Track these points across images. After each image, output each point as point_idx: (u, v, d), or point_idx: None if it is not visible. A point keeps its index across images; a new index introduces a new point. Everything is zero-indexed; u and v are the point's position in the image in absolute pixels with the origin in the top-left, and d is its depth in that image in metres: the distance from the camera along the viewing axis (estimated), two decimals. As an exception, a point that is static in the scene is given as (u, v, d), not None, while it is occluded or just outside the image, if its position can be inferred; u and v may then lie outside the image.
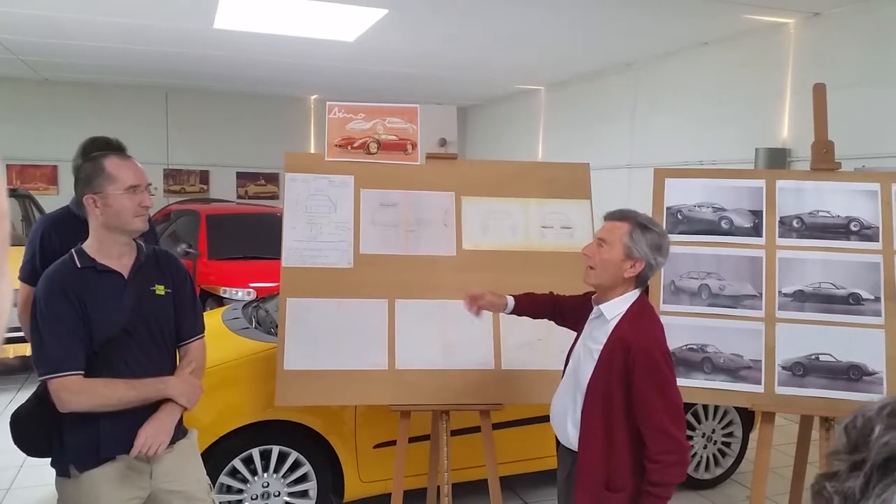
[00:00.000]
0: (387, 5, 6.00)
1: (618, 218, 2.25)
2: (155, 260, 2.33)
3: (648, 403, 2.11)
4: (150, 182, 2.25)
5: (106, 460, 2.18)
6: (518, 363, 3.08)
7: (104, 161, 2.18)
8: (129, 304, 2.20)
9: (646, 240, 2.18)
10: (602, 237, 2.25)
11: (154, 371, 2.22)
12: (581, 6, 5.83)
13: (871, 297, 3.01)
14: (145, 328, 2.23)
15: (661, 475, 2.10)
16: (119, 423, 2.15)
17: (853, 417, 0.67)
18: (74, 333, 2.10)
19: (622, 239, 2.19)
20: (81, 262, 2.18)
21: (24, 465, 4.23)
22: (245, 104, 12.26)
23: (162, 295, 2.28)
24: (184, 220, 8.12)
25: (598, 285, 2.28)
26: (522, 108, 11.00)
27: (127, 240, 2.24)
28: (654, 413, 2.11)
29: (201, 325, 2.42)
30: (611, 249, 2.21)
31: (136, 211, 2.17)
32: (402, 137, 3.21)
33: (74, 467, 2.17)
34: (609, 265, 2.21)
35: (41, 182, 11.29)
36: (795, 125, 6.08)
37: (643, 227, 2.20)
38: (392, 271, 3.09)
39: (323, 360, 2.97)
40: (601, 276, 2.24)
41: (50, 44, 8.01)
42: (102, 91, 11.40)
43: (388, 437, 3.37)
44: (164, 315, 2.29)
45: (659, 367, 2.12)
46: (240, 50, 8.02)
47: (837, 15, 5.70)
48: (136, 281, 2.24)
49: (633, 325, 2.19)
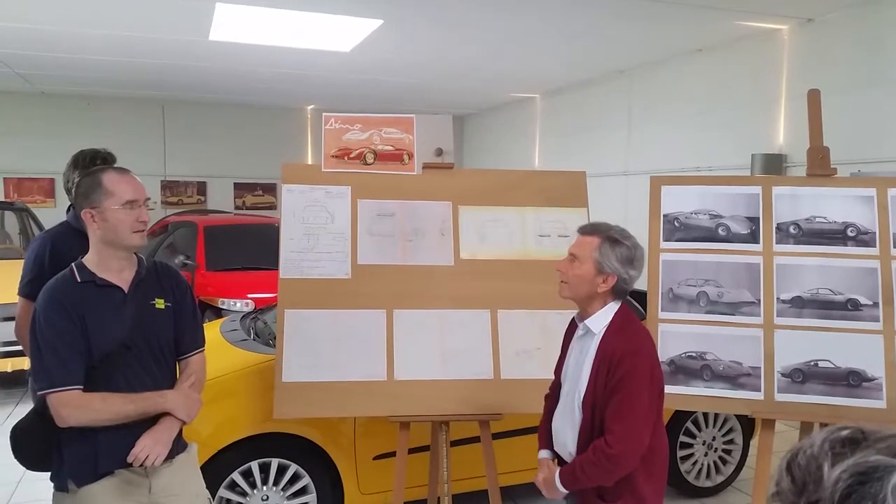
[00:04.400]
0: (382, 16, 6.02)
1: (588, 232, 2.26)
2: (155, 273, 2.32)
3: (615, 390, 2.11)
4: (148, 197, 2.25)
5: (104, 475, 2.16)
6: (517, 372, 3.07)
7: (102, 175, 2.17)
8: (129, 318, 2.18)
9: (615, 254, 2.19)
10: (574, 252, 2.25)
11: (153, 385, 2.21)
12: (575, 14, 5.86)
13: (869, 302, 3.01)
14: (145, 343, 2.21)
15: (595, 467, 2.12)
16: (117, 438, 2.13)
17: (794, 455, 0.65)
18: (73, 348, 2.09)
19: (592, 254, 2.20)
20: (81, 276, 2.17)
21: (22, 479, 4.21)
22: (242, 115, 12.27)
23: (162, 309, 2.27)
24: (181, 231, 8.11)
25: (572, 299, 2.29)
26: (518, 116, 11.02)
27: (127, 254, 2.23)
28: (636, 404, 2.11)
29: (202, 338, 2.41)
30: (582, 265, 2.22)
31: (133, 226, 2.16)
32: (398, 148, 3.21)
33: (72, 482, 2.16)
34: (581, 280, 2.22)
35: (38, 195, 11.28)
36: (791, 130, 6.10)
37: (613, 241, 2.20)
38: (390, 281, 3.09)
39: (321, 371, 2.96)
40: (574, 290, 2.25)
41: (46, 57, 8.02)
42: (99, 103, 11.41)
43: (388, 448, 3.36)
44: (163, 329, 2.27)
45: (646, 370, 2.14)
46: (236, 61, 8.04)
47: (830, 20, 5.73)
48: (137, 295, 2.23)
49: (619, 336, 2.19)
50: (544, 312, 3.14)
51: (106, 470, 2.16)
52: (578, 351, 2.32)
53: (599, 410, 2.17)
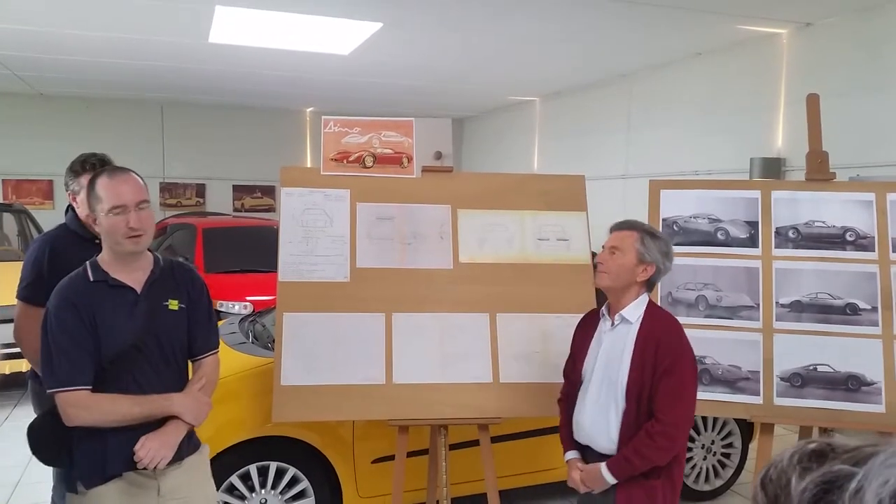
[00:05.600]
0: (381, 19, 6.03)
1: (626, 227, 2.45)
2: (171, 273, 2.29)
3: (667, 372, 2.27)
4: (144, 199, 2.17)
5: (112, 477, 2.17)
6: (516, 376, 3.07)
7: (97, 180, 2.16)
8: (141, 319, 2.17)
9: (656, 246, 2.39)
10: (614, 245, 2.42)
11: (163, 388, 2.20)
12: (575, 17, 5.86)
13: (868, 306, 3.01)
14: (156, 344, 2.20)
15: (655, 450, 2.27)
16: (126, 440, 2.13)
17: (767, 470, 0.67)
18: (83, 348, 2.09)
19: (634, 245, 2.38)
20: (94, 275, 2.16)
21: (20, 483, 4.20)
22: (241, 117, 12.28)
23: (175, 310, 2.25)
24: (180, 233, 8.11)
25: (609, 287, 2.44)
26: (517, 118, 11.03)
27: (137, 255, 2.20)
28: (687, 384, 2.30)
29: (216, 340, 2.39)
30: (624, 256, 2.39)
31: (124, 232, 2.12)
32: (397, 151, 3.21)
33: (81, 484, 2.17)
34: (623, 269, 2.39)
35: (37, 197, 11.28)
36: (790, 134, 6.11)
37: (652, 235, 2.42)
38: (389, 285, 3.09)
39: (320, 375, 2.95)
40: (614, 279, 2.40)
41: (45, 59, 8.02)
42: (98, 105, 11.41)
43: (387, 451, 3.35)
44: (176, 331, 2.26)
45: (691, 352, 2.35)
46: (235, 64, 8.04)
47: (829, 25, 5.74)
48: (149, 296, 2.21)
49: (659, 323, 2.37)
50: (543, 316, 3.14)
51: (114, 472, 2.16)
52: (610, 343, 2.44)
53: (646, 395, 2.30)
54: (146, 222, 2.17)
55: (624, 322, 2.40)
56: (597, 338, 2.50)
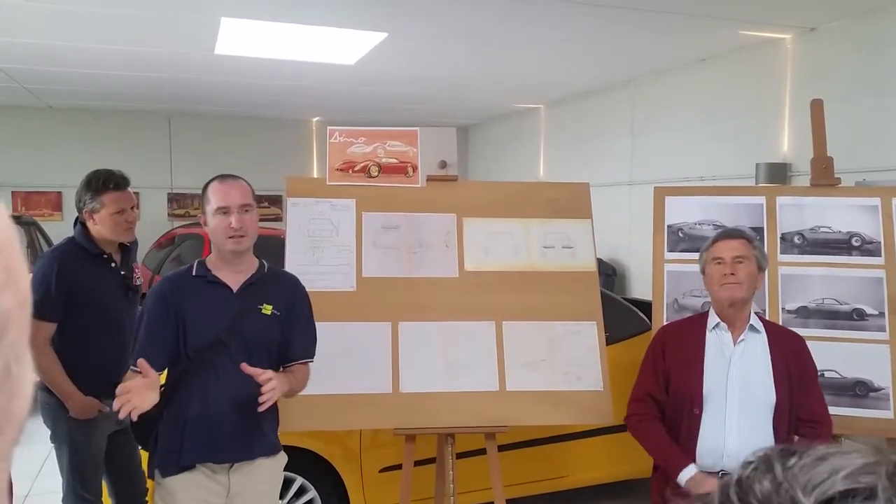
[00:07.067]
0: (387, 29, 6.06)
1: (736, 236, 2.46)
2: (274, 280, 2.42)
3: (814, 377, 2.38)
4: (246, 203, 2.32)
5: (186, 468, 2.23)
6: (522, 384, 3.07)
7: (209, 184, 2.39)
8: (229, 316, 2.27)
9: (762, 252, 2.45)
10: (738, 255, 2.39)
11: (243, 384, 2.22)
12: (578, 24, 5.88)
13: (875, 312, 3.00)
14: (241, 342, 2.28)
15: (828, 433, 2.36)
16: (202, 432, 2.20)
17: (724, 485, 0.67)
18: (157, 336, 2.23)
19: (752, 253, 2.40)
20: (197, 271, 2.32)
21: (29, 495, 4.22)
22: (247, 127, 12.32)
23: (268, 315, 2.34)
24: (188, 243, 8.14)
25: (743, 299, 2.41)
26: (523, 126, 11.05)
27: (240, 256, 2.33)
28: (816, 385, 2.40)
29: (312, 349, 2.48)
30: (750, 264, 2.39)
31: (226, 232, 2.28)
32: (402, 160, 3.23)
33: (159, 472, 2.25)
34: (753, 278, 2.41)
35: (45, 208, 11.34)
36: (795, 139, 6.10)
37: (756, 241, 2.48)
38: (395, 294, 3.10)
39: (326, 384, 2.96)
40: (749, 288, 2.40)
41: (53, 72, 8.09)
42: (106, 117, 11.49)
43: (394, 461, 3.36)
44: (265, 333, 2.33)
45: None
46: (241, 75, 8.09)
47: (833, 30, 5.74)
48: (244, 296, 2.31)
49: (779, 327, 2.43)
50: (550, 324, 3.14)
51: (188, 463, 2.23)
52: (740, 357, 2.38)
53: (795, 403, 2.33)
54: (248, 225, 2.30)
55: (752, 332, 2.36)
56: (718, 355, 2.38)
